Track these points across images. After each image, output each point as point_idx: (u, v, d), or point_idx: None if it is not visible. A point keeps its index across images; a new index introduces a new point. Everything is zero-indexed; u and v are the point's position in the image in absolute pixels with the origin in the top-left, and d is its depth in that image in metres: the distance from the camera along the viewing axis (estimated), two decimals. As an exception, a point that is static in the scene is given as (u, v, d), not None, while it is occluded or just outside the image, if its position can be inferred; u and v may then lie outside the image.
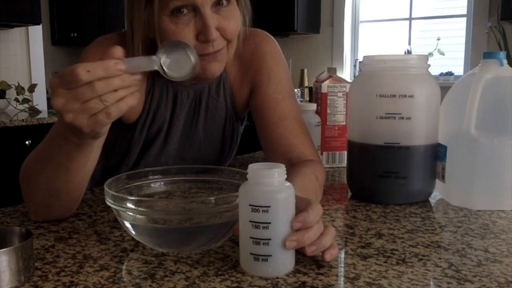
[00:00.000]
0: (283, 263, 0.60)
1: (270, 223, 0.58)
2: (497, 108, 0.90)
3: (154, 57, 0.69)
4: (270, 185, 0.58)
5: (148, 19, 0.87)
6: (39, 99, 3.51)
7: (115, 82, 0.62)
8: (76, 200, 0.82)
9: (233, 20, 0.88)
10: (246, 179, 0.60)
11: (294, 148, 0.96)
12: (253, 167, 0.59)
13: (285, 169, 0.60)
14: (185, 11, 0.84)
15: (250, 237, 0.59)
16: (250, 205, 0.58)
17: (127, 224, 0.67)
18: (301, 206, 0.61)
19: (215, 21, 0.85)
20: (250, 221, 0.59)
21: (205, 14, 0.84)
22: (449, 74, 3.93)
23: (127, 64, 0.63)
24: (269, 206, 0.58)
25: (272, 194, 0.58)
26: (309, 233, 0.60)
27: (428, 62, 0.93)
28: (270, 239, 0.58)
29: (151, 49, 0.93)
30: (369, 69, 0.95)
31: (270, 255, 0.59)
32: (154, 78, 0.99)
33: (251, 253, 0.59)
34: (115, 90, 0.62)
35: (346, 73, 4.45)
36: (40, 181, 0.77)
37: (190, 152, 1.08)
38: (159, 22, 0.85)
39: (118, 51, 0.63)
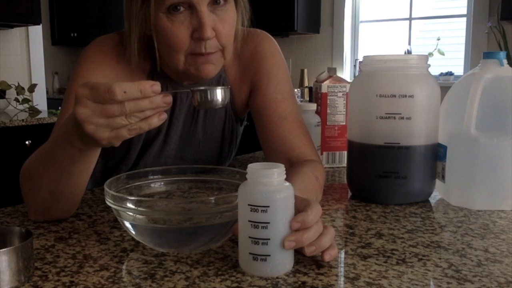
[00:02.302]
0: (282, 263, 0.60)
1: (269, 223, 0.58)
2: (497, 108, 0.90)
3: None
4: (269, 185, 0.58)
5: (145, 15, 0.87)
6: (39, 99, 3.51)
7: (144, 104, 0.62)
8: (76, 202, 0.82)
9: (228, 23, 0.88)
10: (246, 179, 0.60)
11: (294, 148, 0.96)
12: (252, 167, 0.59)
13: (284, 169, 0.60)
14: (181, 8, 0.84)
15: (249, 237, 0.59)
16: (249, 205, 0.58)
17: (127, 224, 0.67)
18: (301, 206, 0.61)
19: (211, 20, 0.85)
20: (249, 221, 0.59)
21: (201, 12, 0.84)
22: (449, 74, 3.93)
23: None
24: (268, 206, 0.58)
25: (271, 194, 0.58)
26: (308, 233, 0.60)
27: (428, 62, 0.93)
28: (269, 239, 0.58)
29: (147, 47, 0.93)
30: (369, 69, 0.95)
31: (269, 255, 0.59)
32: (154, 79, 0.98)
33: (250, 253, 0.59)
34: (142, 110, 0.63)
35: (346, 73, 4.45)
36: (42, 184, 0.77)
37: (190, 152, 1.08)
38: (155, 19, 0.86)
39: (157, 84, 0.63)
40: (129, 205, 0.66)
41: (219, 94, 0.74)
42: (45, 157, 0.76)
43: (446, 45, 3.95)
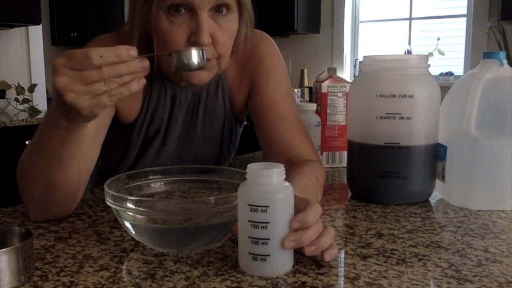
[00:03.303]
0: (281, 263, 0.60)
1: (268, 223, 0.58)
2: (497, 108, 0.90)
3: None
4: (269, 185, 0.58)
5: (146, 12, 0.87)
6: (39, 99, 3.51)
7: (121, 68, 0.63)
8: (72, 197, 0.82)
9: (227, 33, 0.88)
10: (246, 179, 0.60)
11: (293, 148, 0.96)
12: (252, 167, 0.59)
13: (284, 169, 0.60)
14: (182, 10, 0.84)
15: (249, 237, 0.59)
16: (248, 204, 0.58)
17: (127, 224, 0.67)
18: (300, 206, 0.61)
19: (210, 26, 0.85)
20: (249, 221, 0.59)
21: (200, 17, 0.83)
22: (449, 74, 3.93)
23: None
24: (267, 206, 0.58)
25: (271, 194, 0.58)
26: (308, 233, 0.60)
27: (428, 62, 0.93)
28: (268, 239, 0.58)
29: (147, 45, 0.93)
30: (369, 69, 0.95)
31: (269, 255, 0.59)
32: (152, 79, 0.98)
33: (249, 253, 0.59)
34: (121, 75, 0.63)
35: (346, 73, 4.45)
36: (35, 174, 0.76)
37: (189, 153, 1.08)
38: (155, 17, 0.86)
39: (134, 49, 0.64)
40: (129, 205, 0.66)
41: (195, 55, 0.74)
42: (35, 146, 0.76)
43: (446, 45, 3.96)
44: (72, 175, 0.78)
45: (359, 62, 3.79)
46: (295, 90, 4.03)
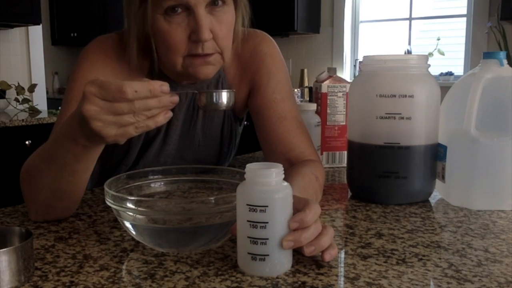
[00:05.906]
0: (280, 262, 0.60)
1: (267, 222, 0.58)
2: (497, 108, 0.90)
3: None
4: (268, 185, 0.58)
5: (143, 16, 0.87)
6: (39, 99, 3.51)
7: (152, 103, 0.64)
8: (77, 201, 0.82)
9: (225, 25, 0.88)
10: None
11: (293, 148, 0.96)
12: (250, 167, 0.59)
13: (282, 168, 0.60)
14: (179, 10, 0.84)
15: (248, 237, 0.59)
16: (247, 204, 0.58)
17: (127, 224, 0.67)
18: (299, 206, 0.61)
19: (208, 22, 0.85)
20: (248, 221, 0.59)
21: (198, 14, 0.84)
22: (449, 74, 3.93)
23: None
24: (266, 206, 0.58)
25: (270, 194, 0.58)
26: (306, 233, 0.60)
27: (428, 62, 0.93)
28: (267, 239, 0.58)
29: (146, 47, 0.93)
30: (369, 69, 0.95)
31: (268, 255, 0.59)
32: (152, 78, 0.98)
33: (248, 253, 0.59)
34: (150, 109, 0.64)
35: (346, 73, 4.45)
36: (44, 182, 0.76)
37: (189, 152, 1.08)
38: (153, 21, 0.86)
39: (166, 85, 0.65)
40: (129, 205, 0.66)
41: (224, 97, 0.75)
42: (47, 156, 0.76)
43: (446, 45, 3.95)
44: (82, 185, 0.78)
45: (359, 62, 3.79)
46: (295, 90, 4.03)
